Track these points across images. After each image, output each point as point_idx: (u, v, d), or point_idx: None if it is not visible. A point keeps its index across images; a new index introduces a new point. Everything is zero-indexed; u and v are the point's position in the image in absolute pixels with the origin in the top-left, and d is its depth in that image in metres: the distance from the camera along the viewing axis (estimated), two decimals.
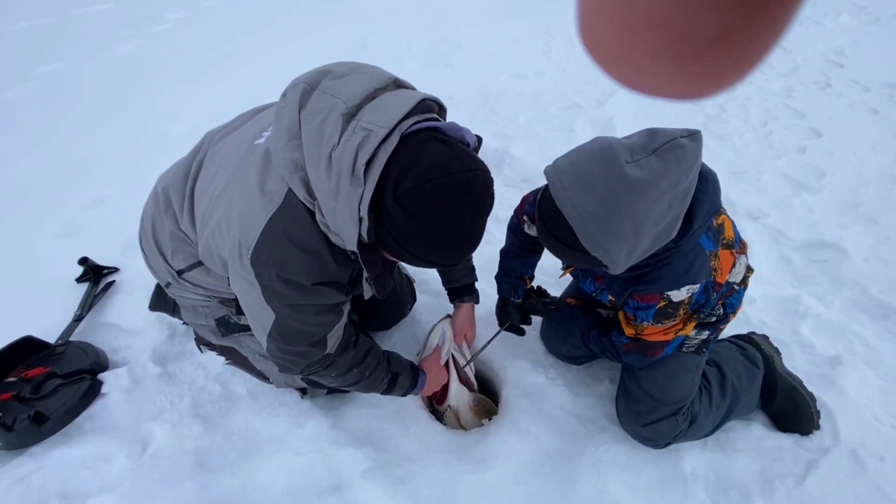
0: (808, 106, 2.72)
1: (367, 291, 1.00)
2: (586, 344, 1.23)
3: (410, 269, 1.57)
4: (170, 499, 1.15)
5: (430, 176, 0.72)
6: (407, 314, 1.54)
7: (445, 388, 1.27)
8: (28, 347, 1.43)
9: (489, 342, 1.37)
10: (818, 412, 1.23)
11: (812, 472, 1.13)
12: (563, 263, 1.15)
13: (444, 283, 1.39)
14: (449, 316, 1.37)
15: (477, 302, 1.40)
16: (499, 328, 1.36)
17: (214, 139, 1.02)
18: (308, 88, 0.78)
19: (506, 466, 1.13)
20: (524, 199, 1.21)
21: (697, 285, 0.96)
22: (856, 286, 1.62)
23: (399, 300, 1.47)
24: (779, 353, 1.34)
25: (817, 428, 1.23)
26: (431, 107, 0.82)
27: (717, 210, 0.94)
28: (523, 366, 1.35)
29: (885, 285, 1.62)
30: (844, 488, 1.11)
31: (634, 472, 1.13)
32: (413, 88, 0.85)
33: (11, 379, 1.35)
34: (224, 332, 1.20)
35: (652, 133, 0.81)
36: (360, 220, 0.76)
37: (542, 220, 0.89)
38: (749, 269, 1.11)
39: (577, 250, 0.83)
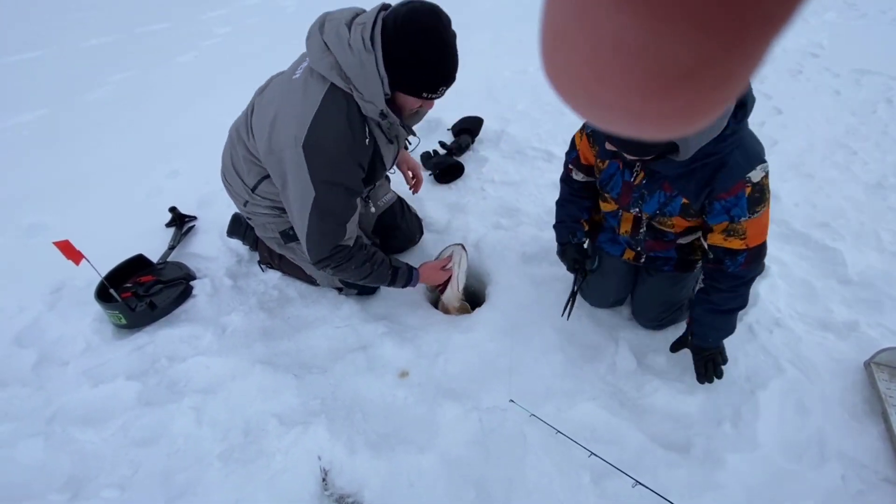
0: (777, 90, 3.05)
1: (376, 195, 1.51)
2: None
3: (417, 209, 2.02)
4: (245, 355, 1.61)
5: (412, 16, 1.15)
6: (416, 244, 2.00)
7: (446, 283, 1.69)
8: (139, 264, 1.94)
9: (574, 292, 1.52)
10: None
11: None
12: (614, 190, 1.28)
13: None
14: (461, 245, 1.74)
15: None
16: (573, 277, 1.52)
17: (258, 92, 1.47)
18: (321, 23, 1.24)
19: (484, 330, 1.56)
20: (567, 153, 1.47)
21: (767, 163, 1.05)
22: (783, 223, 1.98)
23: (411, 231, 1.94)
24: None
25: None
26: (389, 5, 1.24)
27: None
28: (504, 271, 1.78)
29: (808, 222, 1.98)
30: (737, 348, 1.48)
31: (575, 335, 1.53)
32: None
33: (128, 284, 1.87)
34: (285, 241, 1.66)
35: None
36: (382, 78, 1.18)
37: None
38: None
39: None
